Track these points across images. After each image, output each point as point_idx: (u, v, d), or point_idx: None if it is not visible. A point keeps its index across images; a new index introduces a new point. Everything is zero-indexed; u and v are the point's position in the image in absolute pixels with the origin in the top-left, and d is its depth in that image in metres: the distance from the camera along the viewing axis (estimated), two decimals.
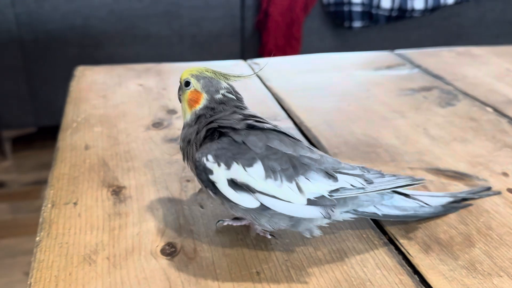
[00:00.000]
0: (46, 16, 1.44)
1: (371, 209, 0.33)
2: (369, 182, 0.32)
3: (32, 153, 1.69)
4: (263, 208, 0.30)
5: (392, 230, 0.36)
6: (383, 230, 0.36)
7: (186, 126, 0.34)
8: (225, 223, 0.35)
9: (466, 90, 0.62)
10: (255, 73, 0.37)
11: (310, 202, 0.30)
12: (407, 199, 0.35)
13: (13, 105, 1.54)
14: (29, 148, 1.72)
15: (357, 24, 1.66)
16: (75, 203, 0.37)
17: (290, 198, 0.30)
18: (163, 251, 0.33)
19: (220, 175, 0.30)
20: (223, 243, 0.34)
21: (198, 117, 0.34)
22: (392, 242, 0.35)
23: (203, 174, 0.31)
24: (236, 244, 0.34)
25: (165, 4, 1.52)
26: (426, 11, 1.71)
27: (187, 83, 0.34)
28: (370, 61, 0.71)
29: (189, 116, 0.34)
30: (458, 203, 0.39)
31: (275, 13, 1.59)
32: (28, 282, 0.30)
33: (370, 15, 1.66)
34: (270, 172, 0.30)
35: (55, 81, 1.53)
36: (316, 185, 0.30)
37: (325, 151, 0.46)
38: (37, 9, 1.43)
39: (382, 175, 0.34)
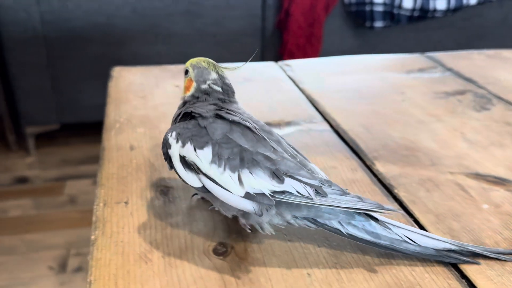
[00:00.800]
0: (69, 14, 1.47)
1: (333, 223, 0.33)
2: (322, 195, 0.31)
3: (55, 150, 1.72)
4: (205, 190, 0.32)
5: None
6: None
7: (177, 109, 0.38)
8: (200, 196, 0.38)
9: (500, 94, 0.62)
10: (244, 64, 0.39)
11: (247, 195, 0.31)
12: (386, 227, 0.33)
13: (37, 102, 1.56)
14: (52, 144, 1.75)
15: (378, 24, 1.65)
16: (126, 203, 0.38)
17: (229, 187, 0.31)
18: (215, 251, 0.33)
19: (175, 150, 0.33)
20: (272, 244, 0.34)
21: (184, 103, 0.37)
22: None
23: (164, 148, 0.34)
24: (285, 246, 0.34)
25: (186, 3, 1.53)
26: (448, 11, 1.70)
27: (186, 72, 0.38)
28: (401, 63, 0.71)
29: (180, 102, 0.38)
30: (462, 255, 0.33)
31: (297, 13, 1.59)
32: (88, 280, 0.31)
33: (391, 15, 1.65)
34: (216, 158, 0.32)
35: (78, 78, 1.56)
36: (258, 181, 0.31)
37: (364, 155, 0.46)
38: (61, 7, 1.46)
39: (344, 194, 0.32)
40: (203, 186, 0.32)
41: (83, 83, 1.57)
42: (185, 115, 0.36)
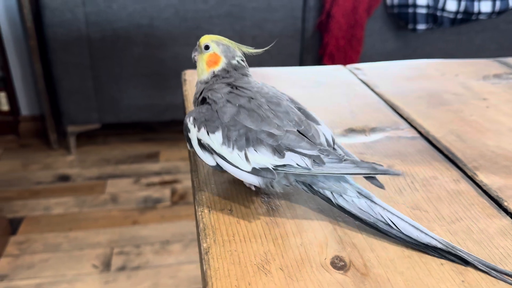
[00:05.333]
0: (113, 15, 1.48)
1: (326, 193, 0.36)
2: (319, 163, 0.35)
3: (94, 148, 1.74)
4: (219, 168, 0.37)
5: None
6: None
7: (199, 83, 0.42)
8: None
9: None
10: (263, 50, 0.41)
11: (254, 171, 0.36)
12: (374, 207, 0.35)
13: (79, 102, 1.58)
14: (91, 143, 1.78)
15: (421, 26, 1.61)
16: (230, 210, 0.37)
17: (238, 164, 0.36)
18: (333, 264, 0.32)
19: (193, 134, 0.38)
20: (391, 259, 0.33)
21: (214, 76, 0.41)
22: None
23: (185, 131, 0.39)
24: (406, 261, 0.33)
25: (228, 6, 1.53)
26: (493, 14, 1.65)
27: (207, 47, 0.41)
28: (475, 69, 0.69)
29: (206, 74, 0.41)
30: (450, 254, 0.33)
31: (338, 14, 1.57)
32: None
33: (434, 17, 1.62)
34: (226, 139, 0.36)
35: (120, 79, 1.57)
36: (262, 157, 0.36)
37: (464, 165, 0.44)
38: (105, 8, 1.47)
39: (340, 160, 0.36)
40: (217, 164, 0.37)
41: (124, 84, 1.58)
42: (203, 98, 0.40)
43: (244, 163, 0.36)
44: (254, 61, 1.77)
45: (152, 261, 1.22)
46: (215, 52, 0.41)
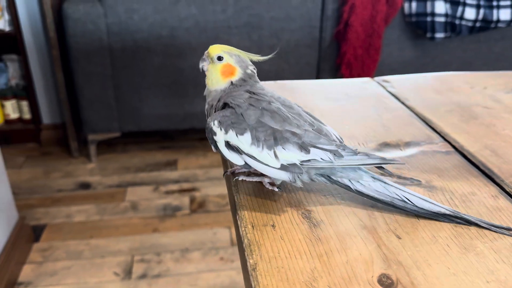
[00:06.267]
0: (134, 26, 1.50)
1: (345, 181, 0.40)
2: (339, 156, 0.39)
3: (114, 157, 1.77)
4: (248, 166, 0.39)
5: None
6: None
7: (214, 91, 0.43)
8: (240, 179, 0.43)
9: None
10: (268, 57, 0.43)
11: (283, 167, 0.38)
12: (388, 187, 0.40)
13: (100, 111, 1.61)
14: (111, 151, 1.80)
15: (439, 35, 1.61)
16: (273, 225, 0.38)
17: (267, 162, 0.39)
18: (380, 282, 0.32)
19: (220, 137, 0.40)
20: (437, 276, 0.33)
21: (232, 85, 0.43)
22: None
23: (210, 134, 0.40)
24: (451, 278, 0.33)
25: (247, 16, 1.55)
26: None
27: (220, 58, 0.43)
28: (504, 81, 0.69)
29: (223, 84, 0.43)
30: (456, 218, 0.38)
31: (356, 24, 1.57)
32: None
33: (453, 26, 1.61)
34: (255, 140, 0.39)
35: (140, 88, 1.59)
36: (290, 154, 0.39)
37: (501, 180, 0.44)
38: (127, 19, 1.50)
39: (355, 153, 0.40)
40: (246, 163, 0.39)
41: (144, 93, 1.60)
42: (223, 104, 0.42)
43: (274, 160, 0.39)
44: (271, 70, 1.80)
45: (172, 269, 1.23)
46: (229, 63, 0.43)
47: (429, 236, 0.37)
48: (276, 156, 0.39)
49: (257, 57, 0.44)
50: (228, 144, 0.39)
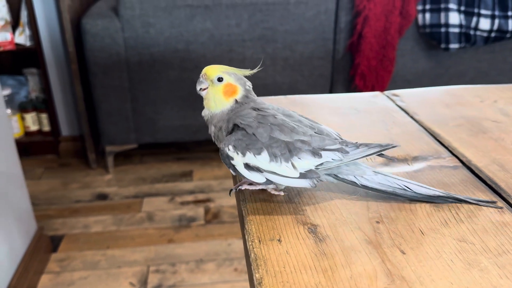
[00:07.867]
0: (151, 40, 1.54)
1: (350, 178, 0.43)
2: (345, 153, 0.42)
3: (131, 168, 1.80)
4: (269, 182, 0.41)
5: None
6: None
7: (220, 113, 0.44)
8: (243, 188, 0.44)
9: None
10: (254, 70, 0.45)
11: (301, 175, 0.41)
12: (389, 179, 0.43)
13: (117, 123, 1.64)
14: (128, 163, 1.84)
15: (454, 46, 1.61)
16: (279, 240, 0.39)
17: (287, 174, 0.41)
18: None
19: (238, 160, 0.41)
20: None
21: (237, 103, 0.44)
22: None
23: (226, 160, 0.41)
24: None
25: (261, 29, 1.57)
26: None
27: (220, 79, 0.43)
28: (511, 95, 0.68)
29: (227, 104, 0.44)
30: (448, 198, 0.43)
31: (370, 35, 1.58)
32: None
33: (467, 36, 1.60)
34: (273, 157, 0.40)
35: (157, 101, 1.63)
36: (306, 162, 0.41)
37: (507, 195, 0.44)
38: (143, 33, 1.54)
39: (357, 147, 0.42)
40: (267, 180, 0.41)
41: (160, 105, 1.63)
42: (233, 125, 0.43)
43: (293, 171, 0.41)
44: (285, 82, 1.81)
45: (187, 280, 1.24)
46: (230, 83, 0.43)
47: (433, 251, 0.37)
48: (294, 166, 0.41)
49: (248, 72, 0.45)
50: (247, 165, 0.41)
